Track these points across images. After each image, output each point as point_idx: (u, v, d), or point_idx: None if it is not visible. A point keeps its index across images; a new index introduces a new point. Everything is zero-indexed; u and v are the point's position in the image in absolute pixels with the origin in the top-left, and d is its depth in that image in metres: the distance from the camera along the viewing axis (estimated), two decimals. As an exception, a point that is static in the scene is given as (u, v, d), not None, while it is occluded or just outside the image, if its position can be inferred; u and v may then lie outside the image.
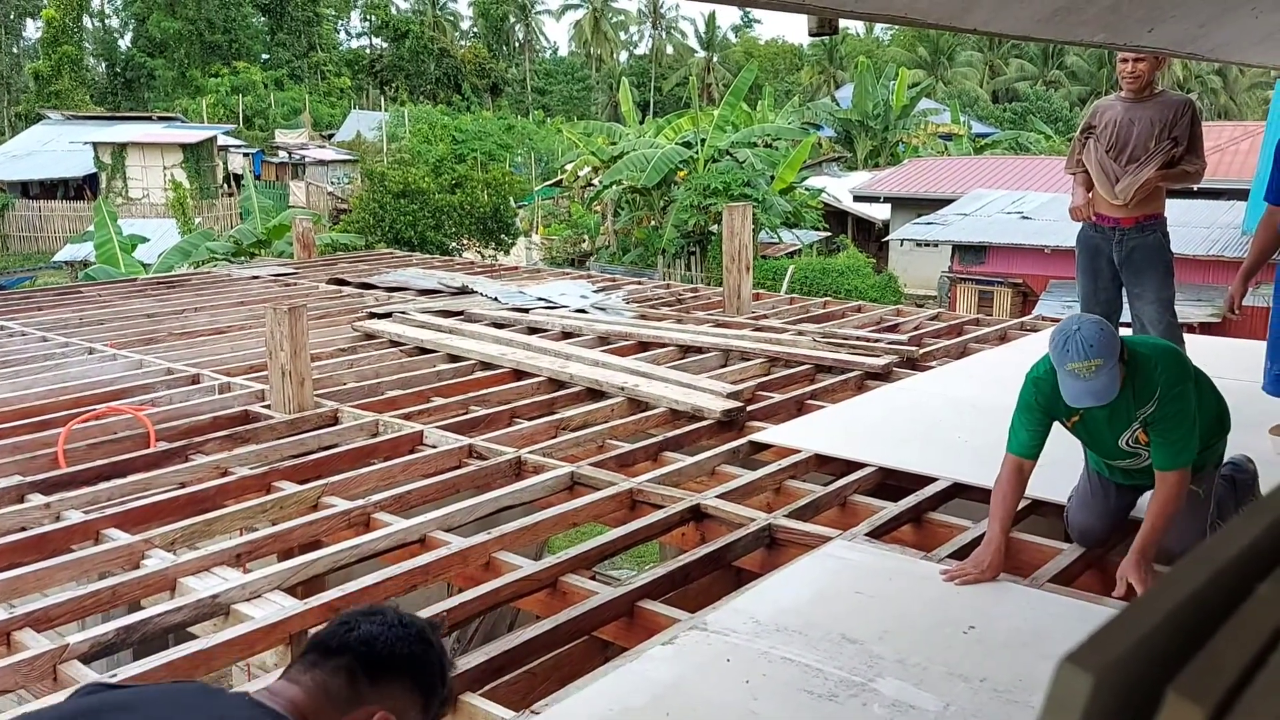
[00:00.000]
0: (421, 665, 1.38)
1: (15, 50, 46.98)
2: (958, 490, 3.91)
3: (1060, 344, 2.86)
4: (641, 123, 27.27)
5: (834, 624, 2.85)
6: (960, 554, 3.30)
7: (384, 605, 1.43)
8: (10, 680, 2.66)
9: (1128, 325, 4.69)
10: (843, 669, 2.62)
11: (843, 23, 3.51)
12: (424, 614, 2.87)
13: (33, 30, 46.43)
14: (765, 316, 7.51)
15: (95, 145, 29.94)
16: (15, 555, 3.44)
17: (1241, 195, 16.09)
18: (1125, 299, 4.61)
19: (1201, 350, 5.24)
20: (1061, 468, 3.40)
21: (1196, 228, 15.12)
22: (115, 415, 4.90)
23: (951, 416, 4.79)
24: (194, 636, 3.01)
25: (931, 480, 3.93)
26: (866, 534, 3.45)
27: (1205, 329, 12.89)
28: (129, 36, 47.52)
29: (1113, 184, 4.42)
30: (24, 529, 3.67)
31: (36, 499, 3.91)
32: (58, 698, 1.24)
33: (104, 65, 45.82)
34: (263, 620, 2.88)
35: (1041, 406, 3.07)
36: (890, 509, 3.68)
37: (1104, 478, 3.30)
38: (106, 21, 48.72)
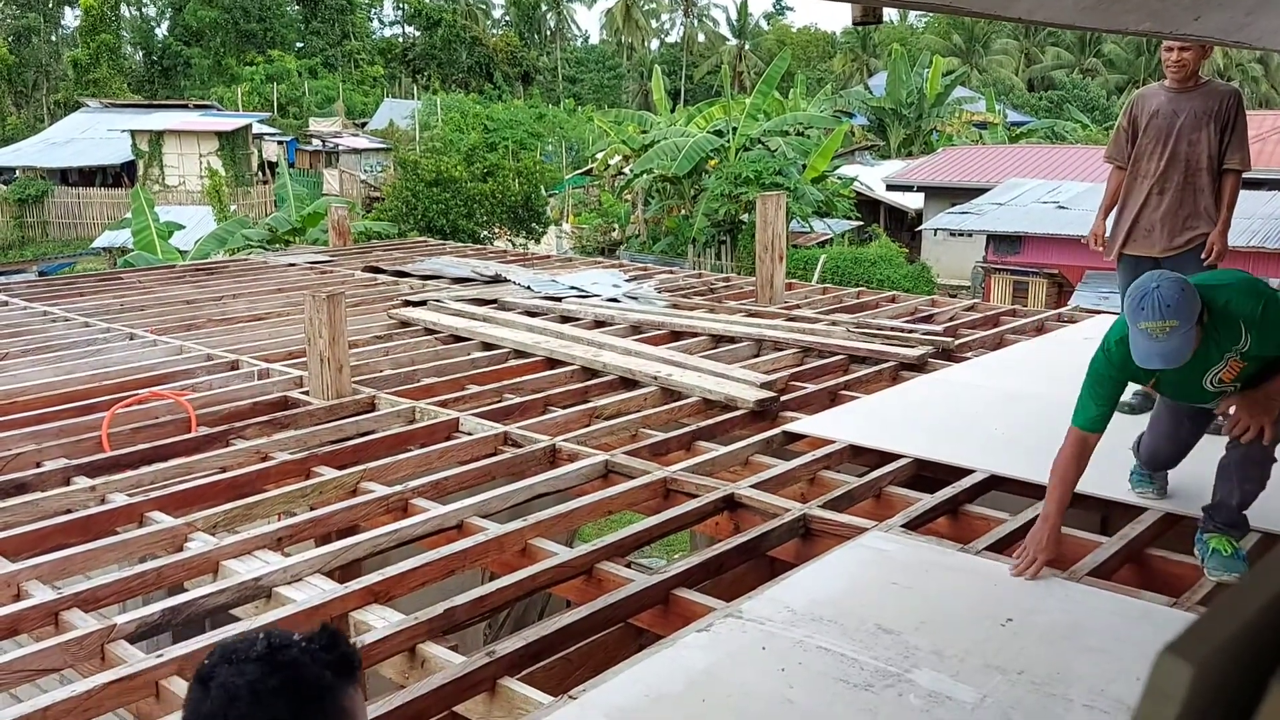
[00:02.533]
0: (302, 699, 1.27)
1: (54, 39, 47.60)
2: (995, 483, 3.89)
3: (1136, 300, 2.78)
4: (673, 111, 27.19)
5: (870, 614, 2.85)
6: (997, 546, 3.29)
7: (206, 673, 1.27)
8: (59, 659, 2.72)
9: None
10: (879, 659, 2.62)
11: (884, 12, 3.48)
12: (462, 599, 2.91)
13: (71, 19, 47.01)
14: (798, 306, 7.48)
15: (133, 133, 30.32)
16: (62, 537, 3.51)
17: (1284, 186, 15.80)
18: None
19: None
20: (1104, 465, 3.37)
21: (1238, 219, 14.84)
22: (157, 400, 4.97)
23: (988, 408, 4.76)
24: (236, 619, 3.07)
25: (968, 472, 3.91)
26: (902, 525, 3.44)
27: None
28: (166, 25, 48.02)
29: (1152, 237, 4.43)
30: (70, 511, 3.75)
31: (82, 482, 3.99)
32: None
33: (141, 54, 46.36)
34: (304, 603, 2.92)
35: (1116, 375, 3.00)
36: (926, 500, 3.66)
37: (1178, 404, 3.31)
38: (144, 10, 49.25)
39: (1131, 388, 3.71)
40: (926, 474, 4.06)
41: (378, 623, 2.85)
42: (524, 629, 2.86)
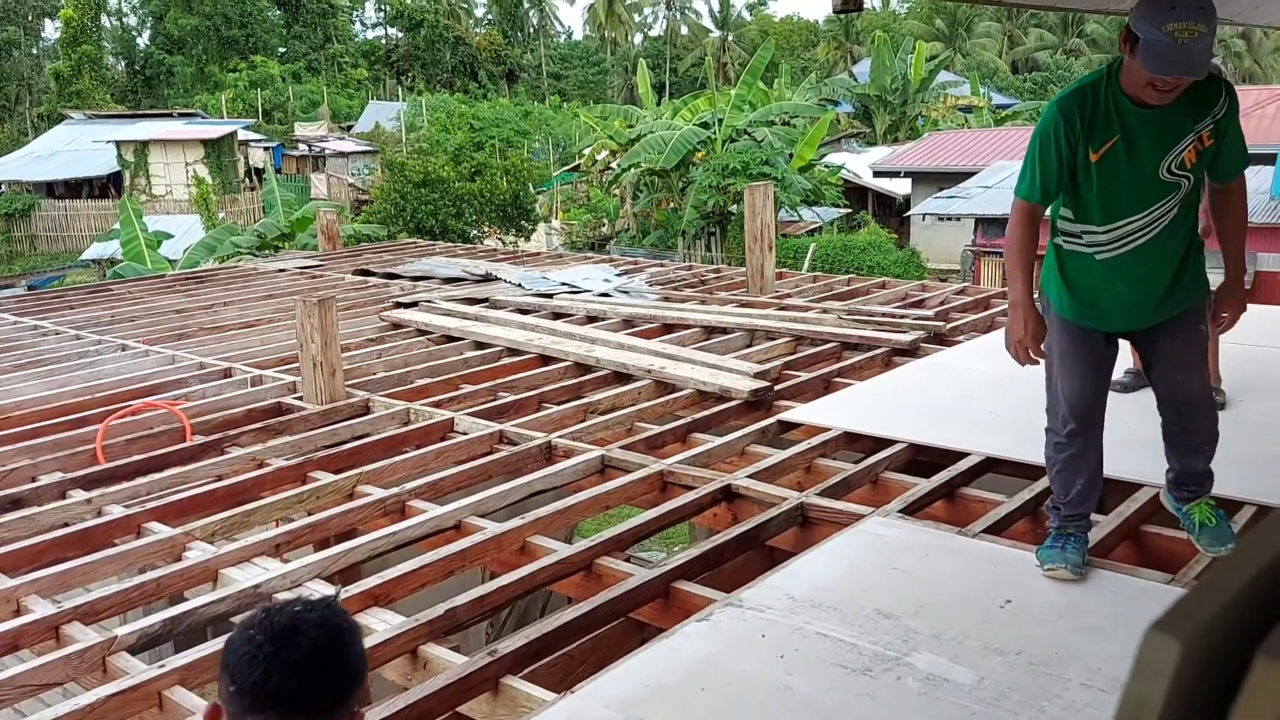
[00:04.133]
0: (353, 670, 1.35)
1: (35, 51, 47.40)
2: (990, 465, 3.91)
3: (1164, 2, 2.49)
4: (658, 104, 27.17)
5: (869, 600, 2.86)
6: (995, 529, 3.30)
7: (287, 621, 1.32)
8: (61, 673, 2.72)
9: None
10: (877, 644, 2.64)
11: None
12: (462, 600, 2.91)
13: (51, 31, 46.86)
14: (789, 295, 7.49)
15: (118, 144, 30.20)
16: (60, 551, 3.51)
17: (1269, 160, 15.82)
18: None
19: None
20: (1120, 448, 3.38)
21: (1224, 194, 14.91)
22: (151, 411, 4.97)
23: (981, 391, 4.78)
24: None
25: (963, 455, 3.92)
26: (900, 511, 3.45)
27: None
28: (147, 34, 47.85)
29: None
30: (67, 525, 3.74)
31: (78, 495, 3.98)
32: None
33: (123, 64, 46.18)
34: (304, 608, 2.92)
35: (1067, 135, 2.70)
36: (923, 485, 3.68)
37: (1082, 328, 2.93)
38: (124, 20, 49.08)
39: (1123, 364, 3.64)
40: (922, 458, 4.07)
41: (379, 625, 2.85)
42: (525, 627, 2.87)
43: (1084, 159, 2.70)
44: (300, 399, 5.13)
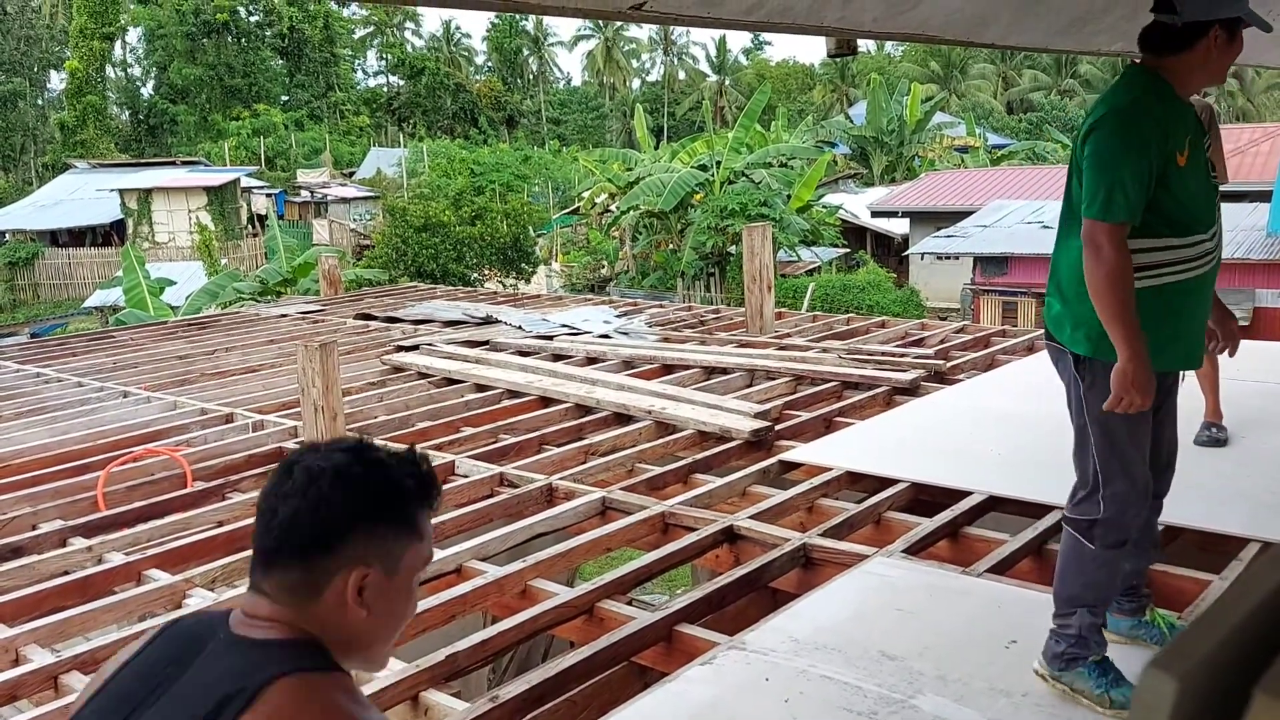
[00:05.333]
0: (361, 504, 1.21)
1: (41, 102, 47.96)
2: (993, 504, 3.89)
3: None
4: (656, 148, 27.43)
5: (873, 641, 2.84)
6: (998, 568, 3.29)
7: (293, 458, 1.25)
8: (59, 722, 2.70)
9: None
10: (882, 686, 2.61)
11: (860, 42, 3.55)
12: (463, 645, 2.89)
13: (57, 82, 47.44)
14: (788, 335, 7.51)
15: (121, 192, 30.46)
16: (60, 599, 3.49)
17: (1264, 197, 15.96)
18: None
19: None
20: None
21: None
22: (152, 457, 4.96)
23: (982, 429, 4.77)
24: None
25: (966, 494, 3.91)
26: (903, 551, 3.43)
27: (1235, 332, 12.74)
28: (151, 84, 48.43)
29: None
30: (67, 573, 3.72)
31: (78, 542, 3.97)
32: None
33: (127, 113, 46.69)
34: (305, 655, 2.90)
35: (1158, 139, 2.35)
36: (926, 525, 3.66)
37: (1160, 376, 2.43)
38: (129, 70, 49.72)
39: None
40: (925, 498, 4.06)
41: (380, 672, 2.83)
42: (527, 672, 2.84)
43: (1173, 164, 2.38)
44: (302, 443, 5.12)
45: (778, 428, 5.00)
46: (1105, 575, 2.51)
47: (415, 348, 7.33)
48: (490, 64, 59.34)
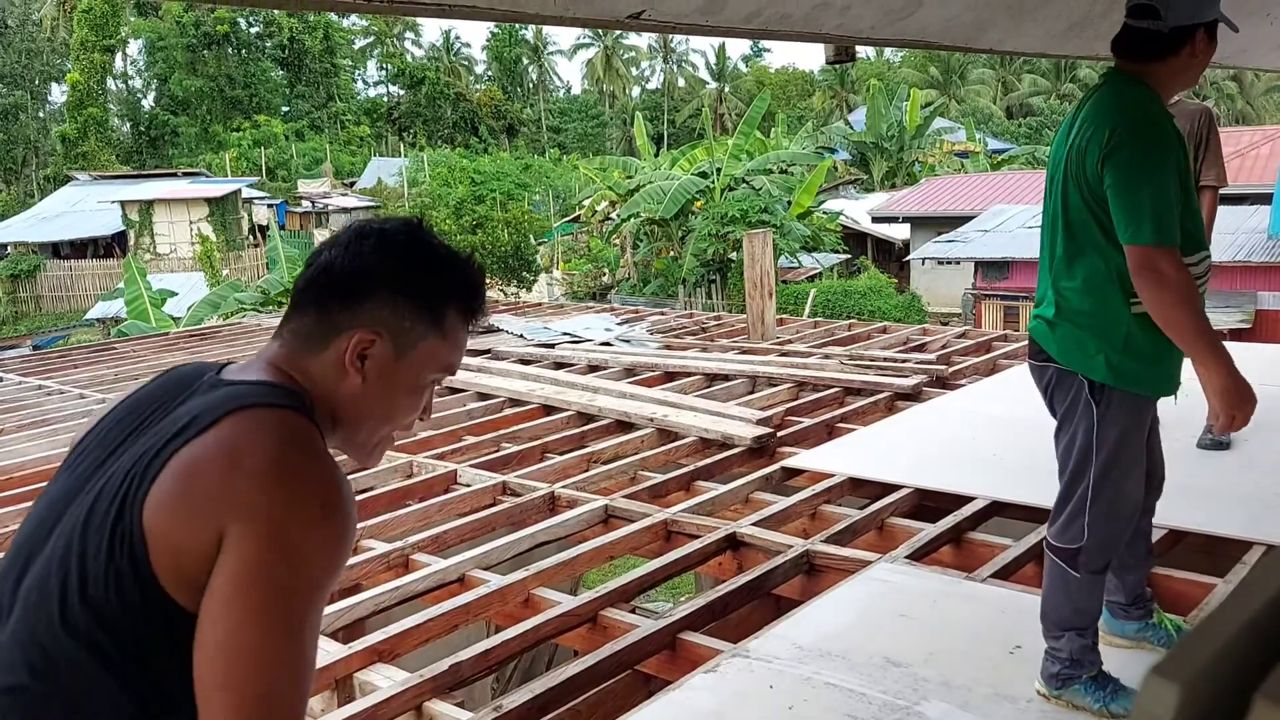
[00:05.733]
0: (394, 270, 1.19)
1: (42, 115, 48.08)
2: (996, 508, 3.89)
3: None
4: (656, 155, 27.47)
5: (877, 648, 2.84)
6: (1002, 573, 3.28)
7: (362, 221, 1.25)
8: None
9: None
10: (887, 693, 2.61)
11: (858, 49, 3.55)
12: (467, 655, 2.89)
13: (58, 94, 47.57)
14: (790, 341, 7.51)
15: (123, 204, 30.53)
16: (62, 610, 3.48)
17: (1265, 200, 15.96)
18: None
19: (1234, 356, 5.20)
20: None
21: (1222, 234, 15.01)
22: (154, 468, 4.96)
23: (985, 434, 4.77)
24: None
25: (969, 499, 3.90)
26: (906, 557, 3.43)
27: (1235, 335, 12.76)
28: (152, 96, 48.56)
29: None
30: (69, 584, 3.72)
31: (80, 554, 3.96)
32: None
33: (128, 125, 46.80)
34: (307, 666, 2.89)
35: (1177, 145, 2.30)
36: (929, 530, 3.66)
37: (1148, 400, 2.46)
38: (129, 83, 49.84)
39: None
40: (928, 503, 4.05)
41: (383, 682, 2.82)
42: (531, 681, 2.84)
43: (1185, 175, 2.33)
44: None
45: (780, 434, 4.99)
46: (1091, 600, 2.49)
47: (417, 357, 7.33)
48: (490, 73, 59.48)
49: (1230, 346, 2.80)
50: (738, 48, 59.91)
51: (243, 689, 1.00)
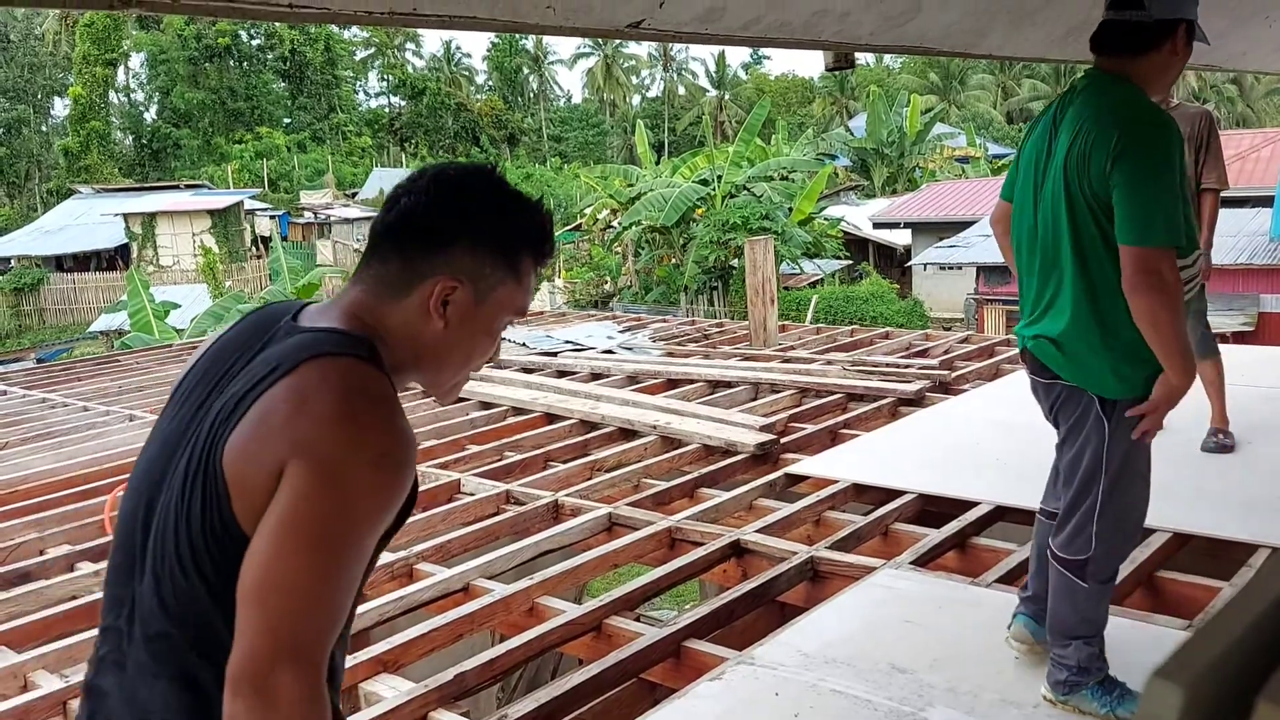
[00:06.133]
0: (474, 219, 1.23)
1: (45, 128, 48.24)
2: (1000, 513, 3.88)
3: None
4: (657, 163, 27.51)
5: (883, 654, 2.83)
6: (1007, 578, 3.27)
7: (436, 165, 1.28)
8: (68, 748, 2.69)
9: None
10: (893, 699, 2.60)
11: (857, 55, 3.56)
12: (471, 664, 2.88)
13: (61, 108, 47.72)
14: (792, 348, 7.51)
15: (125, 216, 30.60)
16: (68, 624, 3.49)
17: (1266, 202, 15.94)
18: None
19: (1236, 359, 5.20)
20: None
21: (1224, 236, 14.98)
22: (158, 480, 4.96)
23: (989, 439, 4.76)
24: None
25: (973, 505, 3.90)
26: (911, 562, 3.42)
27: (1239, 338, 12.74)
28: (154, 109, 48.70)
29: None
30: (75, 598, 3.72)
31: (86, 567, 3.97)
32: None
33: (131, 138, 46.94)
34: (313, 676, 2.89)
35: (1179, 143, 2.27)
36: (933, 536, 3.65)
37: None
38: (132, 96, 49.98)
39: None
40: (932, 509, 4.05)
41: (388, 693, 2.82)
42: (536, 690, 2.83)
43: (1184, 179, 2.31)
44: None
45: (783, 441, 4.99)
46: (1099, 609, 2.49)
47: (420, 367, 7.34)
48: (491, 83, 59.61)
49: (1233, 350, 2.79)
50: (737, 55, 60.09)
51: (270, 608, 1.05)
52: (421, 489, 4.70)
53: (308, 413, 1.11)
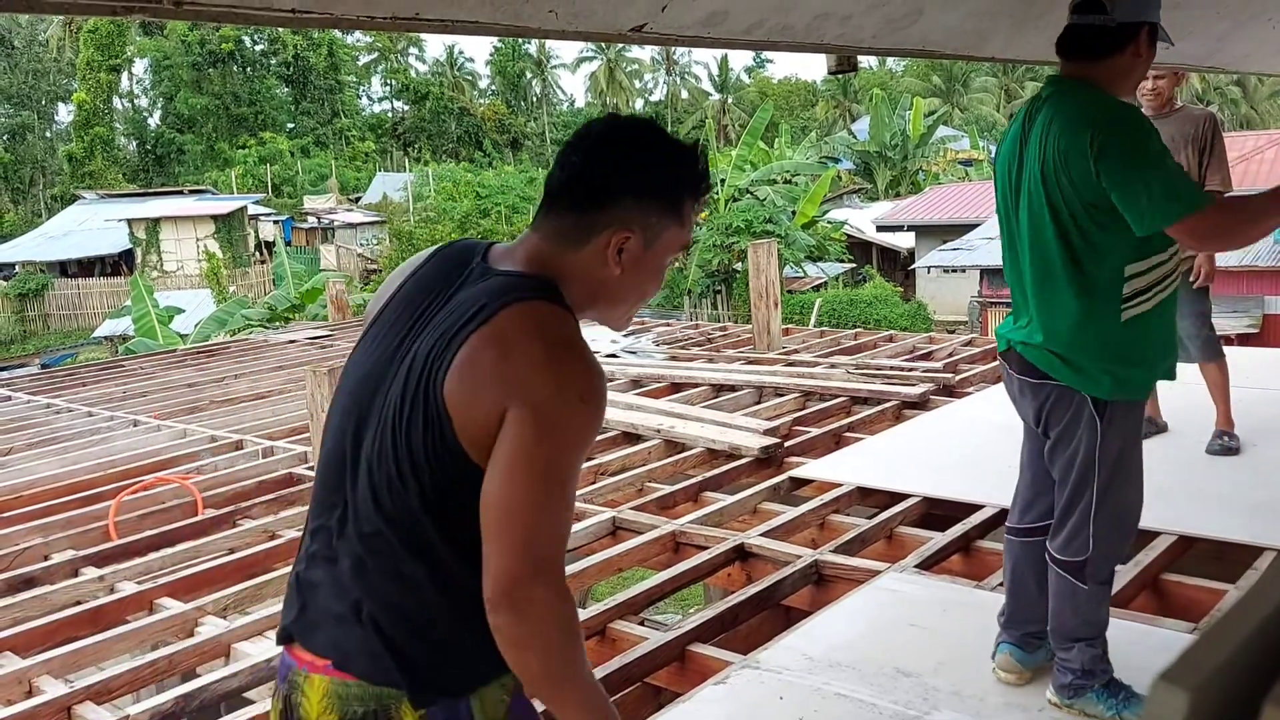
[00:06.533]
0: (638, 174, 1.37)
1: (49, 134, 48.35)
2: (1005, 517, 3.86)
3: None
4: (661, 167, 27.46)
5: (888, 658, 2.83)
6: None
7: (600, 122, 1.42)
8: (73, 753, 2.69)
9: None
10: (898, 703, 2.60)
11: (860, 58, 3.56)
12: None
13: (64, 114, 47.81)
14: (796, 351, 7.51)
15: (129, 222, 30.66)
16: (72, 629, 3.49)
17: (1271, 203, 15.91)
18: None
19: (1241, 361, 5.19)
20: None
21: (1227, 238, 14.95)
22: (163, 485, 4.98)
23: (993, 442, 4.75)
24: (251, 702, 3.04)
25: (977, 508, 3.89)
26: (915, 566, 3.42)
27: (1243, 340, 12.71)
28: (158, 115, 48.80)
29: None
30: (79, 603, 3.73)
31: (90, 572, 3.98)
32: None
33: (135, 144, 47.04)
34: (317, 681, 2.89)
35: (1155, 130, 2.29)
36: (938, 539, 3.65)
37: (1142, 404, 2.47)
38: (135, 101, 50.09)
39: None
40: (936, 512, 4.04)
41: (392, 697, 2.82)
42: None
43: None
44: (312, 469, 5.13)
45: (787, 444, 4.99)
46: (1099, 610, 2.47)
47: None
48: (494, 87, 59.69)
49: (1238, 352, 2.79)
50: (740, 59, 60.10)
51: (514, 534, 1.24)
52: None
53: (515, 359, 1.27)
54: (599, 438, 5.42)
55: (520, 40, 53.49)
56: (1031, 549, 2.60)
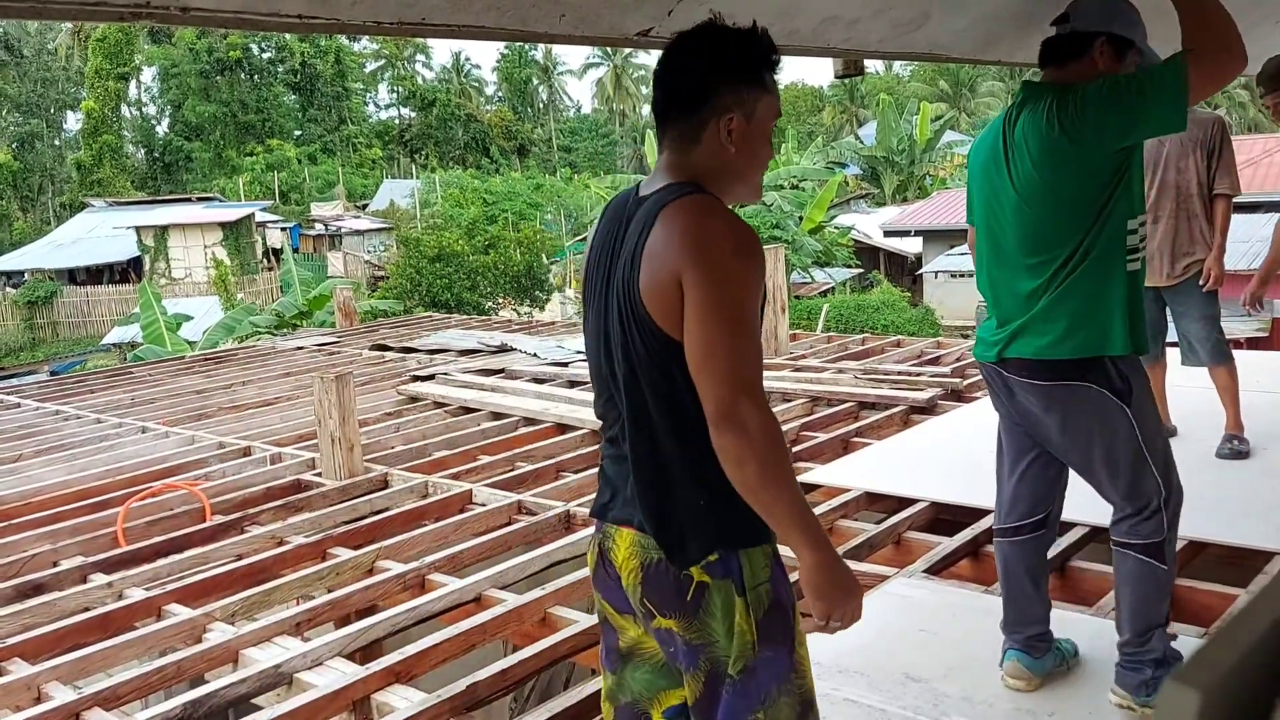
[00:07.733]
0: (719, 65, 1.61)
1: (57, 143, 48.60)
2: (1013, 521, 3.85)
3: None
4: (668, 173, 27.49)
5: (897, 663, 2.81)
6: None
7: (673, 42, 1.68)
8: (82, 759, 2.69)
9: (1174, 344, 4.63)
10: (907, 709, 2.58)
11: (867, 63, 3.56)
12: (484, 674, 2.88)
13: (73, 122, 48.06)
14: (804, 356, 7.50)
15: (138, 229, 30.77)
16: (80, 636, 3.50)
17: (1278, 208, 15.86)
18: (1170, 317, 4.56)
19: (1250, 365, 5.16)
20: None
21: (1236, 242, 14.85)
22: (171, 492, 4.98)
23: (1001, 447, 4.73)
24: (258, 708, 3.04)
25: (986, 513, 3.86)
26: (924, 571, 3.41)
27: (1252, 344, 12.66)
28: (166, 122, 49.01)
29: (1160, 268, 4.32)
30: (87, 609, 3.73)
31: (99, 579, 3.98)
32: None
33: (143, 151, 47.24)
34: (325, 688, 2.90)
35: None
36: (946, 544, 3.63)
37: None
38: (144, 109, 50.31)
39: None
40: (945, 517, 4.03)
41: (400, 703, 2.82)
42: (549, 700, 2.82)
43: (1139, 151, 2.45)
44: (319, 475, 5.14)
45: (795, 449, 4.97)
46: (1169, 579, 2.47)
47: (431, 377, 7.35)
48: (500, 94, 59.82)
49: (1247, 355, 2.78)
50: (746, 65, 59.99)
51: (718, 366, 1.53)
52: (433, 500, 4.70)
53: (679, 237, 1.55)
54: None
55: (526, 46, 53.64)
56: (1021, 547, 2.59)
